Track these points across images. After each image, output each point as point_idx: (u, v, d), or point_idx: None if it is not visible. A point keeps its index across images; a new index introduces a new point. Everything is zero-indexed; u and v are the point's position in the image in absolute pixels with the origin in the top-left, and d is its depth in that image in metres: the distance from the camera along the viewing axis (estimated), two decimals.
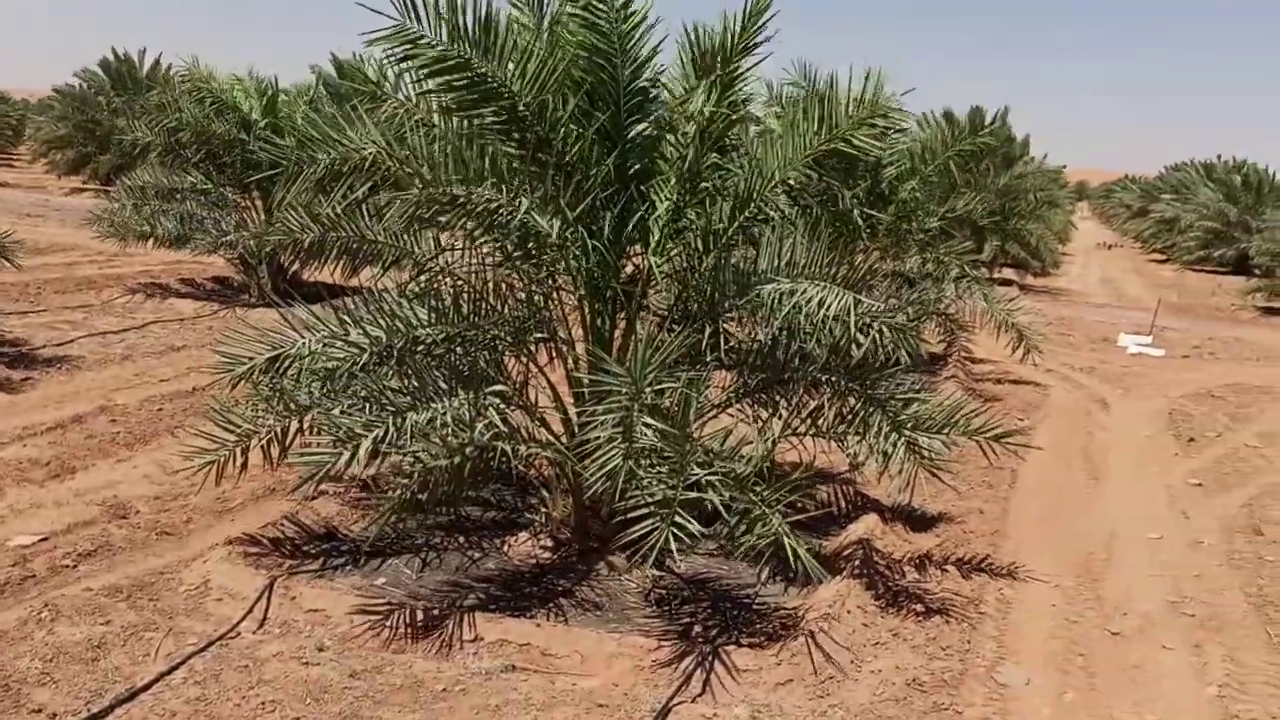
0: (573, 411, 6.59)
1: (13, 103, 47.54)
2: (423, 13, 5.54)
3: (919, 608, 6.48)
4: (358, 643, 5.59)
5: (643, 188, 6.30)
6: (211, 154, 14.70)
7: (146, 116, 14.94)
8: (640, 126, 6.20)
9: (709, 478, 5.38)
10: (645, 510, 5.25)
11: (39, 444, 8.40)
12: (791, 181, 6.23)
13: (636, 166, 6.25)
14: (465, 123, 6.10)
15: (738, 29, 5.74)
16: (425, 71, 5.83)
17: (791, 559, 5.48)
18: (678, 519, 5.12)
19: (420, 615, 5.77)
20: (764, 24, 5.73)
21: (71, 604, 5.78)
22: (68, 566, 6.31)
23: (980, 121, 25.04)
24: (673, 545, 5.09)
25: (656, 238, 6.20)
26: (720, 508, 5.47)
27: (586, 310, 6.53)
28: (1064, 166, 30.46)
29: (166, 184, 14.91)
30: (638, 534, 5.21)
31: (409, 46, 5.66)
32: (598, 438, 5.37)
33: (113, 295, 15.24)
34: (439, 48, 5.64)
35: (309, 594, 6.00)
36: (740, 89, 6.11)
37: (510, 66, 5.77)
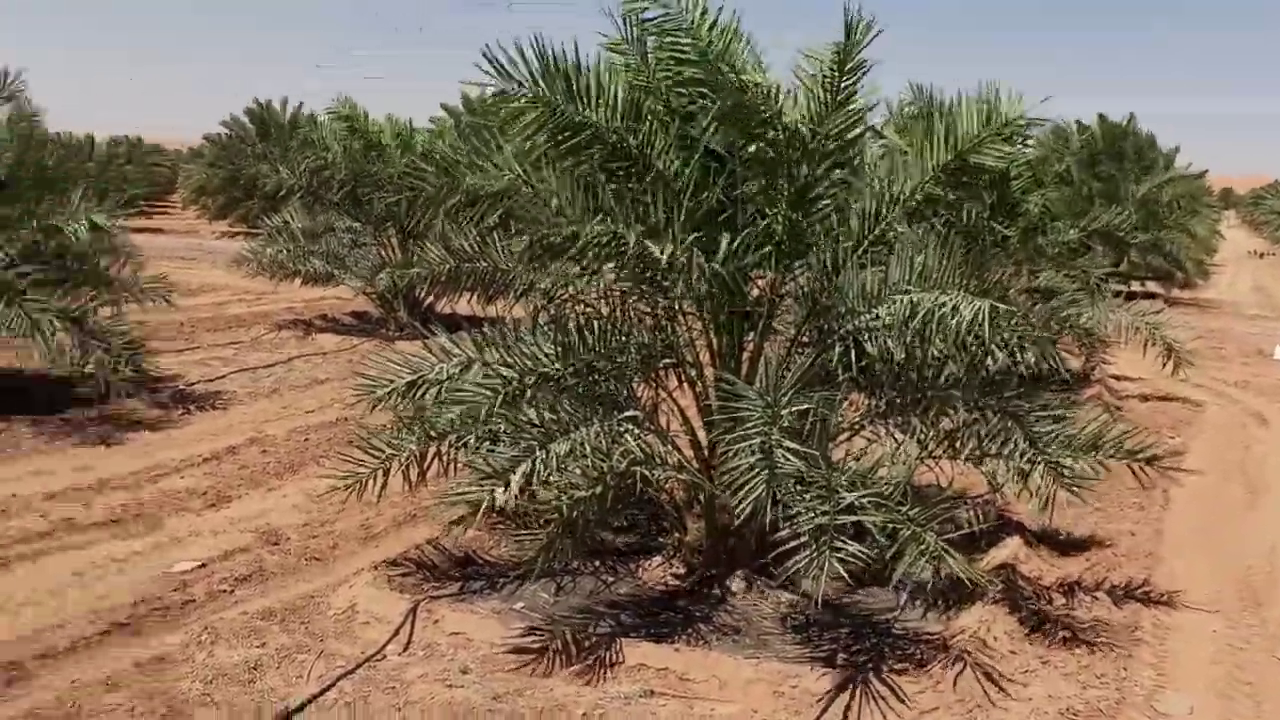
0: (702, 435, 6.58)
1: (166, 153, 50.47)
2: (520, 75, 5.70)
3: (1069, 634, 6.22)
4: (500, 666, 5.68)
5: (761, 209, 6.26)
6: (353, 194, 15.37)
7: (288, 160, 15.69)
8: (752, 147, 6.15)
9: (863, 499, 5.31)
10: (799, 538, 5.21)
11: (195, 475, 8.83)
12: (920, 197, 6.13)
13: (753, 188, 6.22)
14: (576, 162, 6.18)
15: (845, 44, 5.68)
16: (534, 127, 5.94)
17: (965, 578, 5.41)
18: (837, 544, 5.08)
19: (560, 640, 5.83)
20: (869, 41, 5.67)
21: (229, 627, 6.03)
22: (224, 591, 6.60)
23: (1110, 130, 24.23)
24: (840, 569, 5.06)
25: (777, 258, 6.16)
26: (873, 530, 5.38)
27: (712, 334, 6.52)
28: (1205, 172, 29.08)
29: (311, 225, 15.71)
30: (797, 563, 5.21)
31: (514, 106, 5.81)
32: (737, 465, 5.34)
33: (260, 332, 15.94)
34: (542, 106, 5.75)
35: (451, 617, 6.13)
36: (854, 105, 6.04)
37: (604, 109, 5.86)
